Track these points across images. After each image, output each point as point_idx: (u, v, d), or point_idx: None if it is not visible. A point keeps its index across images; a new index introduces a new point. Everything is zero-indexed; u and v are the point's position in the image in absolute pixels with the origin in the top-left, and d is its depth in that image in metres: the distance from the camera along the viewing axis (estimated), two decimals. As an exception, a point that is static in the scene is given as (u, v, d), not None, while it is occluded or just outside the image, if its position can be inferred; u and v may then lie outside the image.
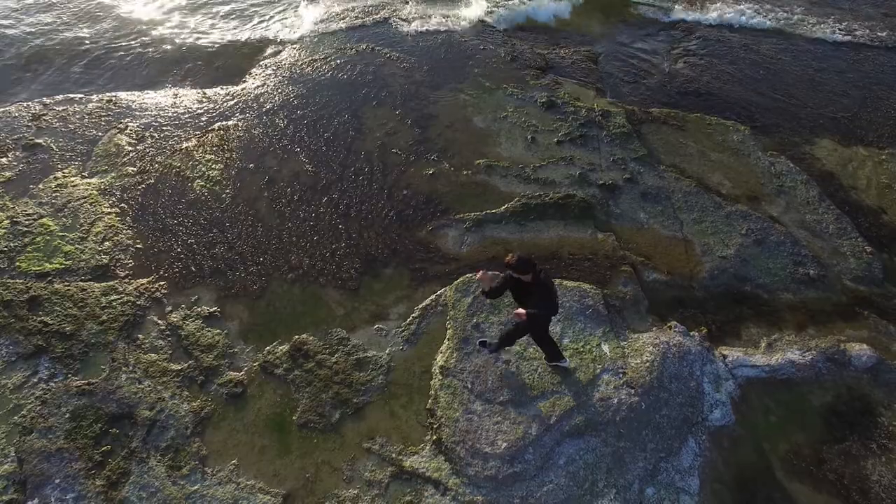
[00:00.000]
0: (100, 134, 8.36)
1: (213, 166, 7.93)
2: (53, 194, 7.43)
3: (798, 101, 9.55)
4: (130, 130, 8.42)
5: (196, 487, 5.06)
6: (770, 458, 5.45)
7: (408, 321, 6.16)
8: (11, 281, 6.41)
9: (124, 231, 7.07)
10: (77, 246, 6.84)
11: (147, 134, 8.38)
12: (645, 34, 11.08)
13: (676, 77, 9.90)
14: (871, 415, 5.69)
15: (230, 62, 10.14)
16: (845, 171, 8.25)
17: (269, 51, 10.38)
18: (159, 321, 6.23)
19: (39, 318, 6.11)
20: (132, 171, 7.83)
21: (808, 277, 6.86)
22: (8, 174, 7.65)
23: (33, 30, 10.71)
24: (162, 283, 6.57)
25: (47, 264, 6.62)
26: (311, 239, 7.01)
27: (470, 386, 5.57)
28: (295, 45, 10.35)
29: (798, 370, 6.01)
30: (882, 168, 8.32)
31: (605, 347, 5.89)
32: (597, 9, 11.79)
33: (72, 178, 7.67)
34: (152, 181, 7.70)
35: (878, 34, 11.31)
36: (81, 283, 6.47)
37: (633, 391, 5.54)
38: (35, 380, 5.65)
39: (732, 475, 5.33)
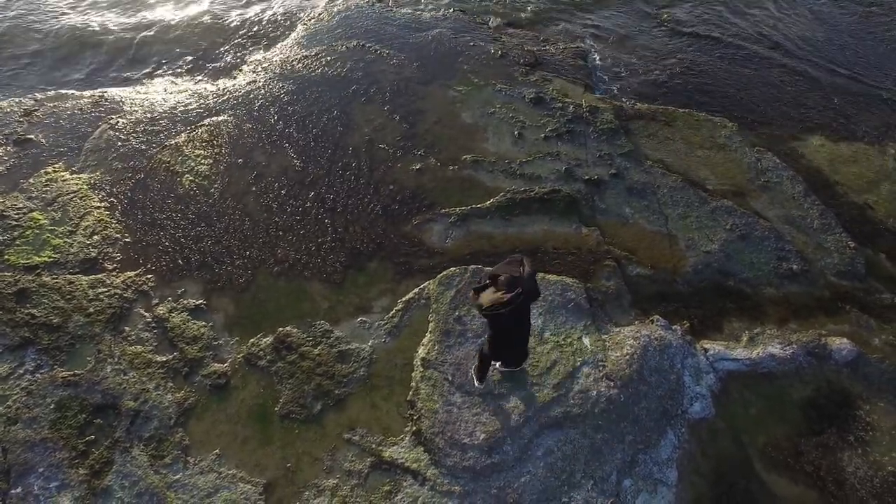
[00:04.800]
0: (90, 129, 8.42)
1: (203, 161, 7.98)
2: (43, 189, 7.49)
3: (787, 97, 9.56)
4: (121, 126, 8.47)
5: (178, 476, 5.13)
6: (749, 450, 5.50)
7: (391, 314, 6.21)
8: (0, 274, 6.47)
9: (113, 225, 7.13)
10: (66, 239, 6.91)
11: (137, 130, 8.44)
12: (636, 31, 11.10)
13: (665, 73, 9.92)
14: (849, 408, 5.73)
15: (221, 58, 10.20)
16: (832, 167, 8.27)
17: (260, 47, 10.43)
18: (145, 313, 6.29)
19: (27, 311, 6.18)
20: (122, 166, 7.89)
21: (792, 272, 6.90)
22: (-1, 169, 7.72)
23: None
24: (149, 276, 6.63)
25: (36, 257, 6.68)
26: (297, 233, 7.07)
27: (451, 378, 5.62)
28: (286, 42, 10.40)
29: (779, 364, 6.05)
30: (869, 164, 8.34)
31: (586, 340, 5.93)
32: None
33: (62, 173, 7.73)
34: (142, 176, 7.76)
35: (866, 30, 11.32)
36: (69, 276, 6.54)
37: (612, 384, 5.59)
38: (21, 371, 5.72)
39: (711, 467, 5.38)
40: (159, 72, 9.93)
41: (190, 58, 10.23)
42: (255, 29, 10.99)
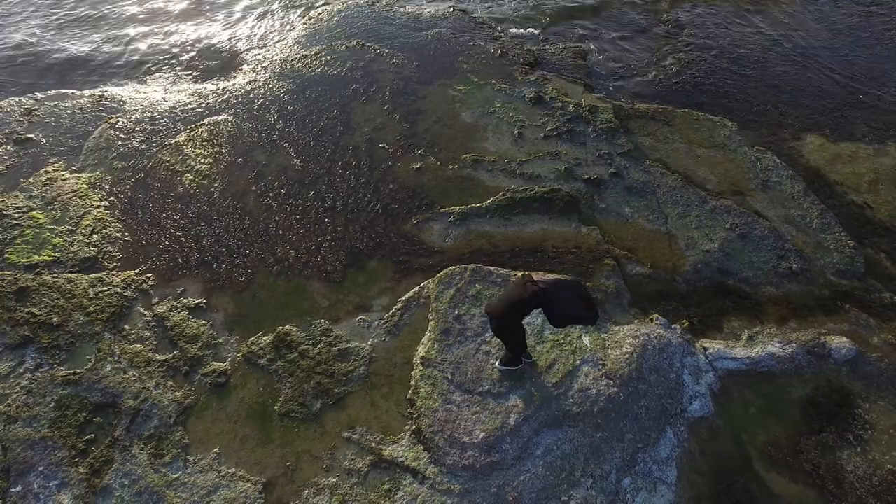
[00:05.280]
0: (91, 128, 8.43)
1: (203, 160, 7.99)
2: (44, 188, 7.50)
3: (786, 96, 9.57)
4: (121, 125, 8.48)
5: (178, 475, 5.13)
6: (748, 448, 5.49)
7: (391, 313, 6.21)
8: (0, 273, 6.48)
9: (113, 224, 7.14)
10: (66, 238, 6.92)
11: (138, 129, 8.45)
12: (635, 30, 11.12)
13: (665, 73, 9.92)
14: (848, 407, 5.72)
15: (221, 57, 10.21)
16: (832, 167, 8.28)
17: (260, 46, 10.44)
18: (146, 312, 6.30)
19: (27, 310, 6.19)
20: (122, 165, 7.89)
21: (791, 271, 6.90)
22: (-1, 168, 7.73)
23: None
24: (149, 274, 6.64)
25: (36, 256, 6.69)
26: (297, 232, 7.07)
27: (450, 376, 5.63)
28: (286, 42, 10.40)
29: (778, 362, 6.04)
30: (868, 163, 8.34)
31: (586, 339, 5.93)
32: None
33: (62, 172, 7.74)
34: (142, 175, 7.77)
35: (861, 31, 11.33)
36: (69, 275, 6.54)
37: (611, 382, 5.59)
38: (21, 370, 5.73)
39: (710, 466, 5.38)
40: (158, 71, 9.94)
41: (189, 58, 10.23)
42: (254, 28, 11.00)
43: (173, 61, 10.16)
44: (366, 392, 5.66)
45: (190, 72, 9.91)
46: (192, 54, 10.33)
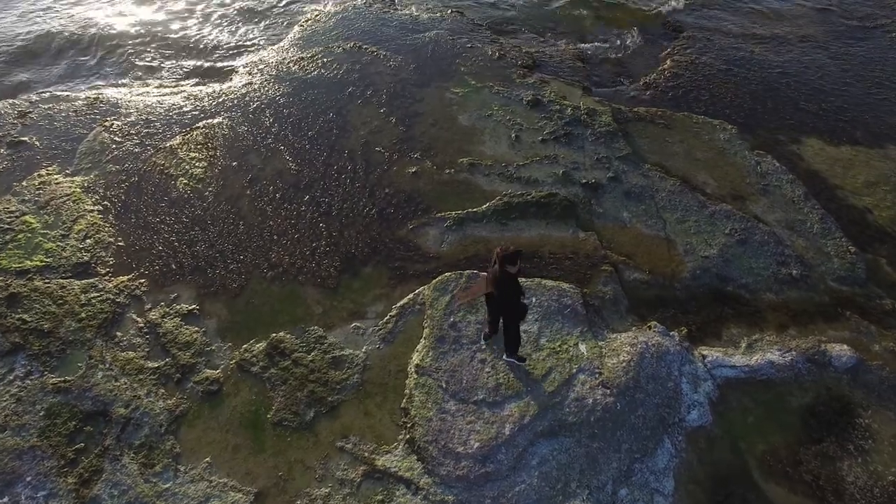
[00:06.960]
0: (85, 132, 8.37)
1: (197, 164, 7.92)
2: (36, 192, 7.44)
3: (787, 99, 9.48)
4: (115, 128, 8.42)
5: (168, 485, 5.06)
6: (747, 458, 5.42)
7: (385, 320, 6.14)
8: (-9, 278, 6.42)
9: (106, 229, 7.08)
10: (58, 243, 6.85)
11: (132, 132, 8.39)
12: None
13: (664, 76, 9.84)
14: (849, 416, 5.64)
15: (217, 59, 10.14)
16: (832, 171, 8.20)
17: (256, 48, 10.37)
18: (138, 319, 6.23)
19: (18, 316, 6.13)
20: (116, 169, 7.83)
21: (791, 277, 6.82)
22: (-9, 171, 7.67)
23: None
24: (142, 280, 6.57)
25: (28, 261, 6.63)
26: (291, 237, 7.00)
27: (445, 385, 5.55)
28: (282, 44, 10.34)
29: (778, 371, 5.97)
30: (869, 167, 8.26)
31: (583, 347, 5.86)
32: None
33: (55, 176, 7.68)
34: (136, 179, 7.71)
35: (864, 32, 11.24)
36: (61, 281, 6.48)
37: (608, 391, 5.51)
38: (11, 377, 5.66)
39: (708, 475, 5.30)
40: (154, 73, 9.87)
41: (185, 59, 10.17)
42: (252, 29, 10.93)
43: (168, 63, 10.08)
44: (359, 400, 5.59)
45: (185, 73, 9.82)
46: (186, 55, 10.25)
